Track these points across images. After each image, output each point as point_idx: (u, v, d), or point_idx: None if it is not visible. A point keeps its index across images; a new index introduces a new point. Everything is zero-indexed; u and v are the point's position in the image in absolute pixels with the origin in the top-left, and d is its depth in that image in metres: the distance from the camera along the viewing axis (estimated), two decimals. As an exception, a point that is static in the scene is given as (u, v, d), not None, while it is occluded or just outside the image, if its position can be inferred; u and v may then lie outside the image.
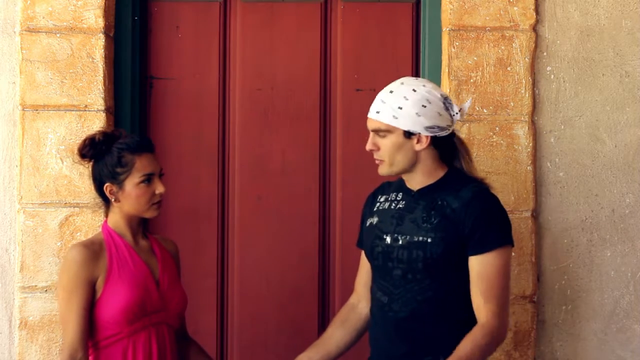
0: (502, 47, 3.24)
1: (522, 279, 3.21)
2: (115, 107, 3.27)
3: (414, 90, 2.50)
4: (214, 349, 3.33)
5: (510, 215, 2.56)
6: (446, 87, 3.23)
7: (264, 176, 3.39)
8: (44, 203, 3.18)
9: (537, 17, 3.25)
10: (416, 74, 3.38)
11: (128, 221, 2.67)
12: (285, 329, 3.36)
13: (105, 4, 3.20)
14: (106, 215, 2.72)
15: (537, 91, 3.27)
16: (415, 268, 2.49)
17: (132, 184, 2.61)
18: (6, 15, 3.23)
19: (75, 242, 3.14)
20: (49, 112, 3.19)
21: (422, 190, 2.56)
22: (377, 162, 2.56)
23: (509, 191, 3.21)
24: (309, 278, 3.38)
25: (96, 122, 3.17)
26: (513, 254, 3.20)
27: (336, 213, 3.40)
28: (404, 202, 2.59)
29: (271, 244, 3.38)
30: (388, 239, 2.55)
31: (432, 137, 2.50)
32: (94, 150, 2.63)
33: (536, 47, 3.26)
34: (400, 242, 2.52)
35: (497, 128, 3.23)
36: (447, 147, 2.56)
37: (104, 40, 3.19)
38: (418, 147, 2.50)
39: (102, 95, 3.19)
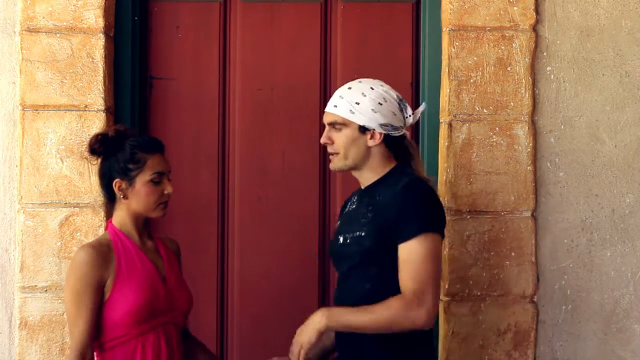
0: (502, 47, 3.24)
1: (522, 279, 3.21)
2: (115, 107, 3.27)
3: (372, 89, 2.61)
4: (214, 348, 3.33)
5: (510, 215, 2.56)
6: (446, 87, 3.24)
7: (264, 176, 3.39)
8: (44, 203, 3.18)
9: (537, 17, 3.25)
10: (416, 73, 3.39)
11: (134, 220, 2.66)
12: (285, 329, 3.35)
13: (105, 4, 3.20)
14: (109, 215, 2.72)
15: (537, 91, 3.27)
16: (354, 263, 2.56)
17: (142, 181, 2.61)
18: (6, 15, 3.23)
19: (77, 242, 3.15)
20: (49, 112, 3.19)
21: (367, 188, 2.65)
22: (330, 157, 2.66)
23: (509, 191, 3.21)
24: (309, 278, 3.38)
25: (96, 122, 3.18)
26: (513, 253, 3.21)
27: (336, 213, 3.40)
28: (356, 202, 2.68)
29: (271, 244, 3.38)
30: (340, 239, 2.64)
31: (384, 135, 2.58)
32: (105, 146, 2.62)
33: (536, 47, 3.26)
34: (345, 241, 2.61)
35: (497, 128, 3.23)
36: (397, 147, 2.64)
37: (104, 40, 3.20)
38: (371, 142, 2.59)
39: (102, 95, 3.19)
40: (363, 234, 2.54)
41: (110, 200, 2.69)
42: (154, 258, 2.68)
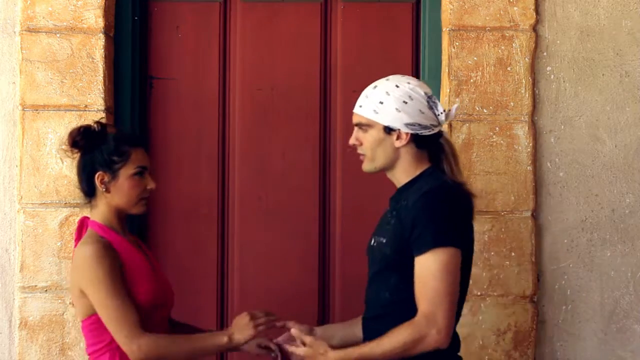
0: (502, 47, 3.24)
1: (522, 279, 3.21)
2: (115, 107, 3.27)
3: (397, 86, 2.48)
4: (214, 349, 3.33)
5: (510, 215, 2.54)
6: (446, 87, 3.24)
7: (264, 176, 3.39)
8: (44, 203, 3.18)
9: (537, 17, 3.25)
10: (416, 74, 3.38)
11: (117, 216, 2.60)
12: (285, 329, 3.36)
13: (105, 4, 3.20)
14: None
15: (537, 91, 3.27)
16: (378, 269, 2.48)
17: (126, 174, 2.57)
18: (6, 15, 3.23)
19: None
20: (49, 112, 3.19)
21: (399, 190, 2.53)
22: (360, 158, 2.56)
23: (509, 191, 3.21)
24: (309, 278, 3.38)
25: (96, 122, 3.18)
26: (513, 253, 3.21)
27: (336, 213, 3.40)
28: (390, 204, 2.59)
29: (271, 244, 3.38)
30: (372, 241, 2.55)
31: (412, 134, 2.45)
32: (88, 140, 2.58)
33: (536, 47, 3.26)
34: (374, 244, 2.53)
35: (497, 128, 3.23)
36: (431, 147, 2.49)
37: (104, 40, 3.20)
38: (398, 143, 2.46)
39: (102, 95, 3.19)
40: (384, 240, 2.45)
41: (88, 195, 2.62)
42: (141, 253, 2.66)
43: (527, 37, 3.24)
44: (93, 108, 3.19)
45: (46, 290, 3.16)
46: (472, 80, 3.23)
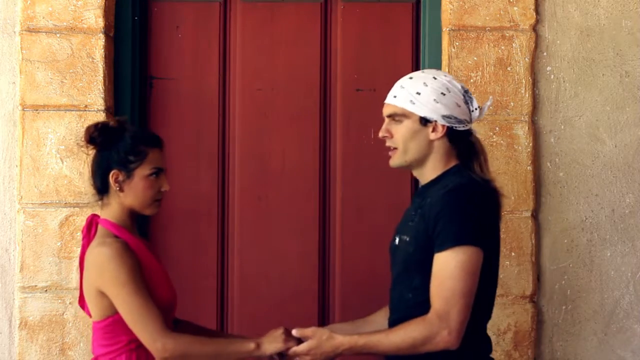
0: (502, 47, 3.24)
1: (522, 279, 3.21)
2: (115, 107, 3.27)
3: (434, 78, 2.43)
4: (214, 349, 3.33)
5: (510, 215, 2.53)
6: (446, 87, 3.23)
7: (264, 176, 3.39)
8: (44, 203, 3.18)
9: (537, 17, 3.25)
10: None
11: (129, 216, 2.56)
12: (285, 329, 3.36)
13: (105, 4, 3.20)
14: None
15: (537, 91, 3.27)
16: (401, 269, 2.44)
17: (141, 175, 2.52)
18: (6, 15, 3.23)
19: (77, 242, 3.15)
20: (49, 112, 3.19)
21: (424, 187, 2.48)
22: (389, 152, 2.48)
23: (509, 191, 3.21)
24: (309, 278, 3.38)
25: (96, 122, 3.18)
26: (513, 253, 3.21)
27: (336, 213, 3.40)
28: (413, 201, 2.53)
29: (271, 244, 3.38)
30: (396, 240, 2.50)
31: (448, 128, 2.40)
32: (105, 137, 2.52)
33: (536, 47, 3.26)
34: (396, 242, 2.48)
35: (497, 128, 3.23)
36: (462, 143, 2.45)
37: (104, 40, 3.20)
38: (433, 135, 2.40)
39: (102, 95, 3.19)
40: (408, 238, 2.40)
41: (100, 193, 2.56)
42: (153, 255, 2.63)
43: (527, 37, 3.24)
44: (93, 108, 3.19)
45: (46, 290, 3.16)
46: (472, 80, 3.23)
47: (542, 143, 3.26)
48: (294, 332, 2.47)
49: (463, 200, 2.32)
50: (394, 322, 2.45)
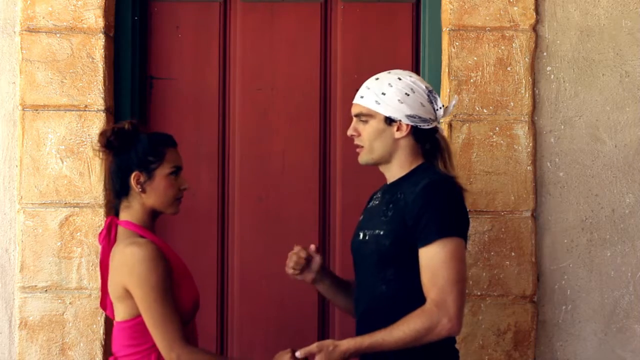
0: (502, 47, 3.24)
1: (522, 279, 3.21)
2: (115, 107, 3.27)
3: (399, 79, 2.53)
4: (214, 348, 3.33)
5: (510, 215, 2.55)
6: (446, 87, 3.24)
7: (264, 176, 3.39)
8: (44, 203, 3.18)
9: (537, 17, 3.25)
10: (416, 74, 3.38)
11: (151, 217, 2.57)
12: (285, 329, 3.36)
13: (105, 4, 3.20)
14: (109, 214, 2.65)
15: (537, 91, 3.27)
16: (372, 262, 2.50)
17: (162, 174, 2.54)
18: (6, 15, 3.23)
19: (77, 242, 3.15)
20: (49, 112, 3.19)
21: (392, 184, 2.56)
22: (357, 150, 2.58)
23: (509, 191, 3.21)
24: (309, 278, 3.38)
25: (96, 122, 3.18)
26: (513, 253, 3.21)
27: (336, 213, 3.40)
28: (379, 198, 2.60)
29: (271, 244, 3.38)
30: (360, 235, 2.58)
31: (412, 127, 2.50)
32: (122, 140, 2.53)
33: (536, 47, 3.26)
34: (365, 237, 2.54)
35: (497, 128, 3.23)
36: (427, 141, 2.54)
37: (104, 40, 3.20)
38: (398, 134, 2.50)
39: (102, 95, 3.19)
40: (382, 232, 2.46)
41: (119, 196, 2.57)
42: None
43: (527, 37, 3.24)
44: (93, 108, 3.19)
45: (46, 290, 3.16)
46: (472, 80, 3.23)
47: (542, 143, 3.26)
48: (298, 353, 2.46)
49: (444, 194, 2.43)
50: (363, 313, 2.53)
